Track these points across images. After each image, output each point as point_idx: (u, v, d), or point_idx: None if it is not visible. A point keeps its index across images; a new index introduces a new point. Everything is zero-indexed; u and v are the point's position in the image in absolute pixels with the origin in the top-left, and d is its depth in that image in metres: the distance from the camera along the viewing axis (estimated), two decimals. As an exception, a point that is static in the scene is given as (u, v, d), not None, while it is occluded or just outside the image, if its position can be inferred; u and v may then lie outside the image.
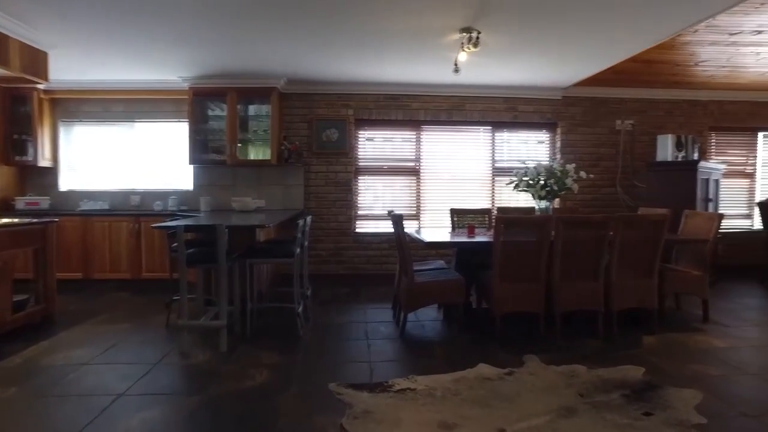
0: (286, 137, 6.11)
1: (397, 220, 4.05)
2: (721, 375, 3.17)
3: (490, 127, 6.50)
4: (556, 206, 6.20)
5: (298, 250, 4.06)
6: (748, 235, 6.81)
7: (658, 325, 4.03)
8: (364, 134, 6.41)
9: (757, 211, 6.43)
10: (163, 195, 6.17)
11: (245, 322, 3.89)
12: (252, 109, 6.05)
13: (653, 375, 3.10)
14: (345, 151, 6.24)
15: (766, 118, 6.89)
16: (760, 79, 6.35)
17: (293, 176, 6.21)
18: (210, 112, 6.04)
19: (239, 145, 5.89)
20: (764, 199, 6.26)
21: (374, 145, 6.44)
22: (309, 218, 4.62)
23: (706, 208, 5.81)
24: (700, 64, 5.82)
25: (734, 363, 3.39)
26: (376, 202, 6.46)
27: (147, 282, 5.54)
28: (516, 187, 4.60)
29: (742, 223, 6.98)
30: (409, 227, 6.26)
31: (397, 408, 2.61)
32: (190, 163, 5.90)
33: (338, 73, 5.75)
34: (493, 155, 6.53)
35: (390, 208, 6.20)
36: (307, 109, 6.24)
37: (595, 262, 3.85)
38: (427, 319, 4.44)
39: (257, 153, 6.04)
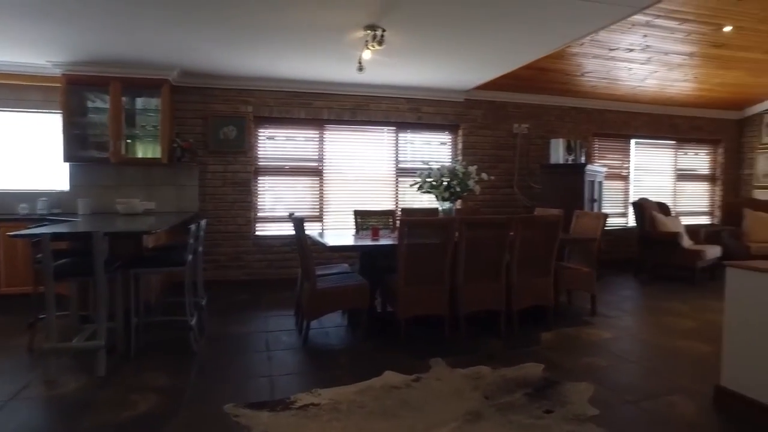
0: (179, 134, 5.64)
1: (298, 223, 3.85)
2: (609, 365, 3.37)
3: (394, 128, 6.50)
4: (458, 207, 6.35)
5: (191, 256, 3.71)
6: (624, 232, 7.48)
7: (554, 321, 4.23)
8: (264, 132, 6.10)
9: (631, 210, 7.05)
10: (30, 196, 5.37)
11: (129, 340, 3.46)
12: (140, 102, 5.48)
13: (552, 371, 3.22)
14: (244, 149, 5.89)
15: (636, 127, 7.60)
16: (632, 92, 6.99)
17: (187, 176, 5.74)
18: (90, 104, 5.37)
19: (128, 141, 5.33)
20: (637, 199, 6.88)
21: (275, 144, 6.15)
22: (204, 222, 4.26)
23: (592, 208, 6.26)
24: (585, 74, 6.26)
25: (618, 352, 3.63)
26: (277, 204, 6.18)
27: (7, 298, 4.79)
28: (420, 188, 4.59)
29: (619, 221, 7.65)
30: (312, 229, 6.06)
31: (299, 427, 2.44)
32: (65, 161, 5.21)
33: (236, 67, 5.40)
34: (397, 156, 6.53)
35: (292, 210, 5.96)
36: (202, 105, 5.80)
37: (497, 263, 3.94)
38: (331, 325, 4.28)
39: (146, 151, 5.50)
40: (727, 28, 5.26)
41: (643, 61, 5.93)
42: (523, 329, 4.07)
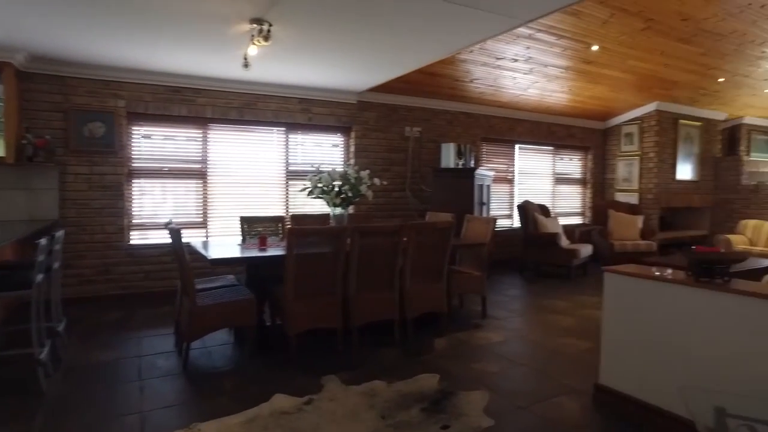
0: (31, 129, 4.85)
1: (175, 235, 3.45)
2: (501, 371, 3.43)
3: (284, 129, 6.20)
4: (351, 212, 6.23)
5: (41, 276, 3.15)
6: (510, 232, 7.89)
7: (447, 326, 4.26)
8: (139, 130, 5.48)
9: (516, 212, 7.45)
10: None
11: (-45, 380, 2.85)
12: (-24, 90, 4.63)
13: (447, 381, 3.19)
14: (114, 149, 5.24)
15: (520, 133, 8.06)
16: (515, 100, 7.38)
17: (42, 178, 4.96)
18: None
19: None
20: (521, 202, 7.28)
21: (152, 143, 5.56)
22: (61, 233, 3.67)
23: (481, 211, 6.49)
24: (474, 81, 6.45)
25: (509, 356, 3.73)
26: (157, 210, 5.59)
27: None
28: (310, 193, 4.39)
29: (505, 222, 8.06)
30: (196, 237, 5.59)
31: (172, 475, 2.13)
32: None
33: (105, 56, 4.76)
34: (288, 158, 6.25)
35: (172, 217, 5.42)
36: (61, 96, 5.05)
37: (390, 271, 3.86)
38: (215, 344, 3.92)
39: (-15, 148, 4.66)
40: (595, 47, 5.71)
41: (526, 71, 6.25)
42: (417, 336, 4.04)
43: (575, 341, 4.06)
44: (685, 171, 8.78)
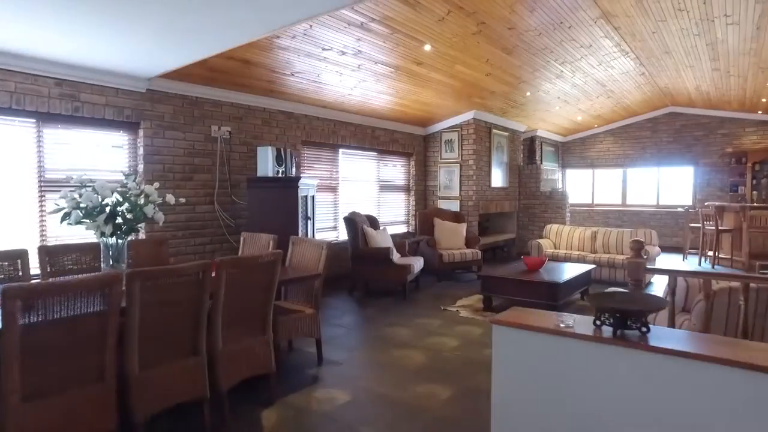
0: None
1: None
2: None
3: (34, 120, 4.41)
4: (142, 238, 4.75)
5: None
6: (335, 246, 7.14)
7: (276, 389, 3.23)
8: None
9: (342, 223, 6.74)
10: None
11: None
12: None
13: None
14: None
15: (344, 136, 7.38)
16: (340, 100, 6.66)
17: None
18: None
19: None
20: (348, 214, 6.59)
21: None
22: None
23: (306, 227, 5.58)
24: (295, 74, 5.51)
25: (361, 426, 2.88)
26: None
27: None
28: (65, 219, 2.92)
29: (330, 235, 7.29)
30: None
31: None
32: None
33: None
34: (41, 162, 4.47)
35: None
36: None
37: (194, 330, 2.70)
38: None
39: None
40: (427, 47, 5.27)
41: (354, 68, 5.54)
42: (236, 414, 2.95)
43: (433, 389, 3.41)
44: (497, 178, 9.17)
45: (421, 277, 6.75)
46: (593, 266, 6.26)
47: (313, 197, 5.90)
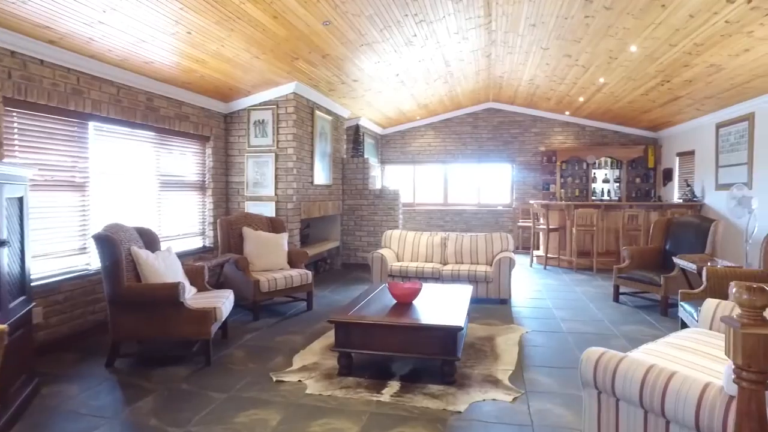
0: None
1: None
2: None
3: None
4: None
5: None
6: (84, 282, 4.35)
7: None
8: None
9: (94, 246, 4.03)
10: None
11: None
12: None
13: None
14: None
15: (98, 102, 4.55)
16: (85, 34, 3.91)
17: None
18: None
19: None
20: (106, 227, 3.92)
21: None
22: None
23: None
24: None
25: None
26: None
27: None
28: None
29: (76, 263, 4.45)
30: None
31: None
32: None
33: None
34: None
35: None
36: None
37: None
38: None
39: None
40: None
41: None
42: None
43: None
44: (320, 174, 7.27)
45: (229, 317, 4.45)
46: (469, 286, 4.76)
47: (21, 200, 3.13)
